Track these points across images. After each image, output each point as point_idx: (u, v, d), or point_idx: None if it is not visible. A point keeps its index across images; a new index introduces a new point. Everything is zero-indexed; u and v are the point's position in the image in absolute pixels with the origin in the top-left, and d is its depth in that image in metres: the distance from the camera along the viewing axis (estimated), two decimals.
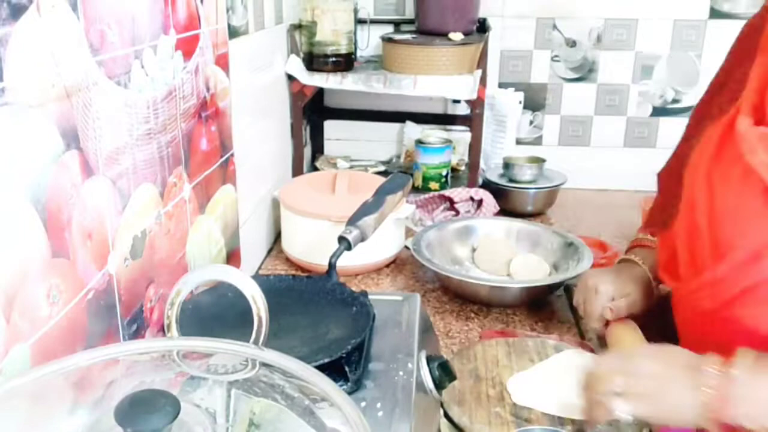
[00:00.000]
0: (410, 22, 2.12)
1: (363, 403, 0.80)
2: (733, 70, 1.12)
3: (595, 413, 0.95)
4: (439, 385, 0.92)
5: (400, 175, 1.45)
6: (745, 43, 1.12)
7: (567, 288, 1.53)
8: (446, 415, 1.07)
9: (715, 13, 2.15)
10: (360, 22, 2.08)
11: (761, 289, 0.88)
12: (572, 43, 2.23)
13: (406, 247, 1.61)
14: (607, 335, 1.23)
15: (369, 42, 2.12)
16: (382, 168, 2.21)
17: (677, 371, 0.91)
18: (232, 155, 1.38)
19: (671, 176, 1.25)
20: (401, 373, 0.86)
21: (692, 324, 1.03)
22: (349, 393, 0.75)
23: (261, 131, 1.67)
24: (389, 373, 0.86)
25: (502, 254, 1.63)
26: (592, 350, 1.27)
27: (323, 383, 0.62)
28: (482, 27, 2.08)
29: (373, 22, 2.14)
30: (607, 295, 1.22)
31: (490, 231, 1.70)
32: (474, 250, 1.67)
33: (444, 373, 0.92)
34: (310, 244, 1.60)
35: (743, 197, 0.89)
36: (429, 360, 0.92)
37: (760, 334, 0.90)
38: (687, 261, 1.00)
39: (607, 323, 1.23)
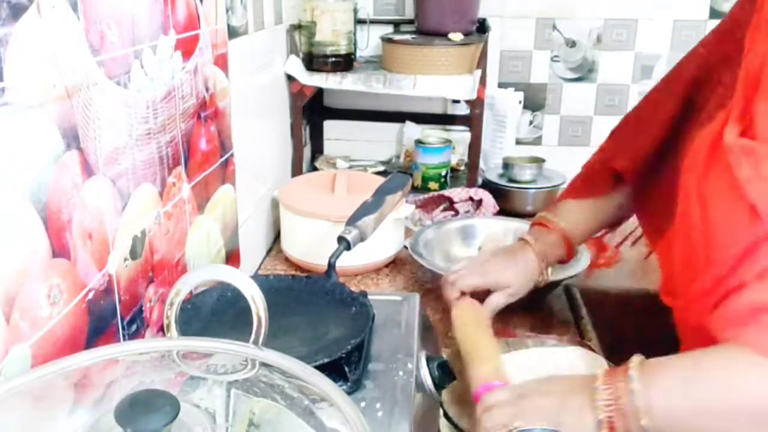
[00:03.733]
0: (410, 22, 2.13)
1: (362, 403, 0.80)
2: (717, 66, 1.10)
3: None
4: (439, 386, 0.92)
5: (399, 175, 1.45)
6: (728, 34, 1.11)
7: (566, 288, 1.53)
8: (446, 415, 1.07)
9: (715, 13, 2.15)
10: (359, 22, 2.08)
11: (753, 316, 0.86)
12: (572, 44, 2.23)
13: (406, 247, 1.61)
14: (453, 312, 1.25)
15: (369, 42, 2.12)
16: (381, 168, 2.21)
17: (570, 398, 0.91)
18: (231, 155, 1.38)
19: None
20: (401, 373, 0.86)
21: (691, 341, 1.01)
22: (349, 393, 0.75)
23: (260, 131, 1.67)
24: (389, 374, 0.86)
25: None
26: (592, 350, 1.27)
27: (323, 383, 0.62)
28: (482, 27, 2.08)
29: (373, 22, 2.14)
30: (480, 263, 1.30)
31: (493, 231, 1.70)
32: (480, 249, 1.67)
33: (444, 374, 0.92)
34: (310, 244, 1.60)
35: (732, 210, 0.87)
36: (429, 360, 0.92)
37: None
38: (683, 277, 0.99)
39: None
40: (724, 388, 0.84)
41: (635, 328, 1.12)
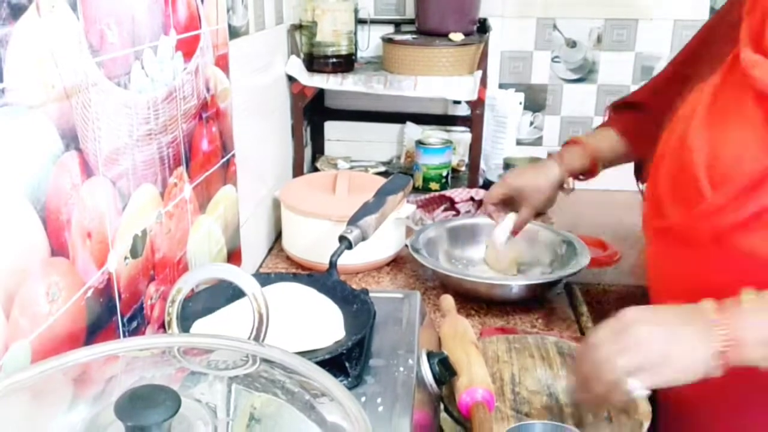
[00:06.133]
0: (411, 22, 2.13)
1: (363, 398, 0.81)
2: (711, 43, 1.15)
3: (609, 399, 0.92)
4: (440, 381, 0.92)
5: (400, 176, 1.46)
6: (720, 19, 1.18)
7: (567, 285, 1.54)
8: (446, 410, 1.07)
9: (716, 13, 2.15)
10: (360, 22, 2.08)
11: (764, 216, 0.88)
12: (572, 44, 2.24)
13: (407, 246, 1.62)
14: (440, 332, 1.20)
15: (369, 43, 2.12)
16: (382, 169, 2.22)
17: (680, 329, 0.88)
18: (233, 156, 1.38)
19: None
20: (402, 368, 0.87)
21: (683, 264, 1.00)
22: (350, 388, 0.75)
23: (261, 132, 1.67)
24: (390, 369, 0.86)
25: (507, 253, 1.63)
26: None
27: (323, 378, 0.63)
28: (482, 27, 2.09)
29: (374, 22, 2.15)
30: (512, 175, 1.45)
31: (496, 231, 1.70)
32: (486, 247, 1.68)
33: (444, 369, 0.92)
34: (311, 244, 1.60)
35: (745, 126, 0.90)
36: (429, 356, 0.93)
37: (762, 261, 0.89)
38: (675, 195, 1.00)
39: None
40: None
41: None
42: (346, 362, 0.83)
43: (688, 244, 0.98)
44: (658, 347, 0.87)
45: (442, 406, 1.05)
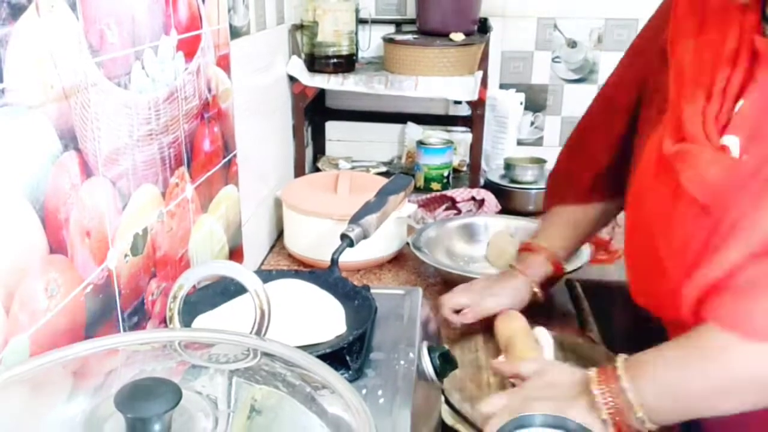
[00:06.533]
0: (412, 22, 2.13)
1: (364, 391, 0.81)
2: (639, 67, 1.16)
3: None
4: (441, 374, 0.93)
5: (402, 176, 1.46)
6: (646, 43, 1.17)
7: (568, 281, 1.55)
8: (447, 402, 1.08)
9: None
10: (361, 22, 2.09)
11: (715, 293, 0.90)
12: (573, 44, 2.24)
13: (408, 244, 1.62)
14: (495, 328, 1.26)
15: (370, 43, 2.13)
16: (383, 169, 2.22)
17: (571, 403, 0.94)
18: (234, 156, 1.39)
19: (570, 161, 1.36)
20: (402, 362, 0.87)
21: (674, 332, 1.04)
22: (350, 381, 0.75)
23: (263, 132, 1.68)
24: (390, 363, 0.87)
25: (509, 251, 1.64)
26: (593, 340, 1.29)
27: (324, 371, 0.63)
28: (483, 27, 2.09)
29: (375, 22, 2.15)
30: (474, 290, 1.33)
31: (498, 228, 1.71)
32: (488, 244, 1.69)
33: (445, 362, 0.93)
34: (313, 242, 1.61)
35: (682, 210, 0.92)
36: (430, 350, 0.93)
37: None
38: (647, 276, 1.03)
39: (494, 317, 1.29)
40: (701, 371, 0.89)
41: (634, 320, 1.13)
42: (347, 356, 0.84)
43: (666, 319, 1.02)
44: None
45: (443, 399, 1.06)
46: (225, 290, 0.97)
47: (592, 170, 1.29)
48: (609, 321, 1.44)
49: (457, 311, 1.32)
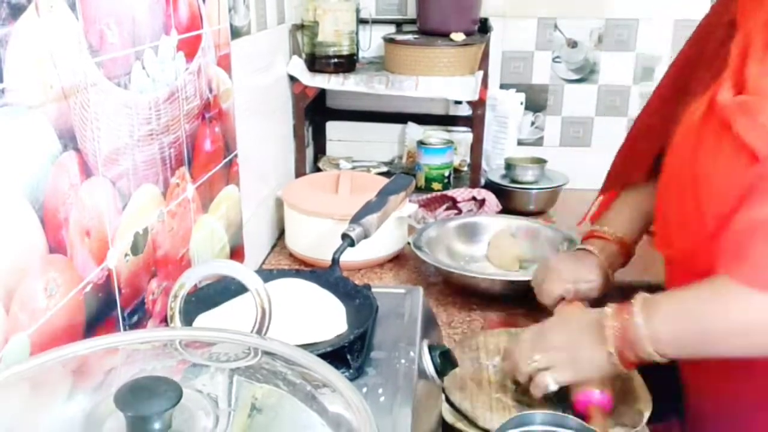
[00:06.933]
0: (412, 22, 2.13)
1: (364, 389, 0.81)
2: (707, 45, 1.16)
3: (530, 390, 1.07)
4: (441, 373, 0.93)
5: (403, 176, 1.47)
6: (714, 19, 1.18)
7: None
8: (448, 400, 1.08)
9: None
10: (362, 22, 2.09)
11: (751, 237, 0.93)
12: (573, 44, 2.24)
13: (409, 244, 1.63)
14: (557, 314, 1.26)
15: (371, 43, 2.13)
16: (384, 169, 2.22)
17: (581, 335, 1.04)
18: (235, 156, 1.39)
19: (637, 141, 1.37)
20: (403, 360, 0.87)
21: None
22: (351, 380, 0.75)
23: (263, 132, 1.68)
24: (391, 361, 0.87)
25: (510, 250, 1.65)
26: None
27: (324, 370, 0.63)
28: (484, 27, 2.09)
29: (375, 22, 2.15)
30: (569, 277, 1.30)
31: (499, 228, 1.71)
32: (489, 244, 1.70)
33: (446, 361, 0.93)
34: (314, 242, 1.61)
35: (730, 160, 0.95)
36: (431, 349, 0.93)
37: None
38: (679, 226, 1.06)
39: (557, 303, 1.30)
40: (712, 316, 0.95)
41: None
42: (347, 355, 0.84)
43: (694, 271, 1.02)
44: (564, 352, 1.05)
45: (443, 397, 1.06)
46: (226, 289, 0.97)
47: (657, 149, 1.26)
48: None
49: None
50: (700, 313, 0.96)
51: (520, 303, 1.46)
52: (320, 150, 2.34)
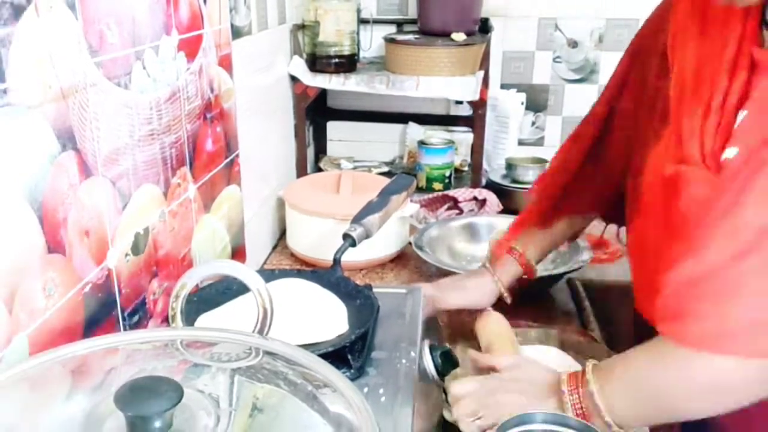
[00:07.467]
0: (413, 22, 2.13)
1: (365, 389, 0.82)
2: (645, 72, 1.15)
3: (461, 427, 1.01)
4: (442, 373, 0.93)
5: (404, 176, 1.47)
6: (646, 43, 1.18)
7: (569, 281, 1.56)
8: (448, 400, 1.08)
9: None
10: (363, 22, 2.09)
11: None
12: (574, 44, 2.24)
13: (410, 244, 1.63)
14: (476, 327, 1.26)
15: (372, 43, 2.13)
16: (385, 169, 2.22)
17: (541, 400, 0.97)
18: (237, 156, 1.39)
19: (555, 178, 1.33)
20: (404, 361, 0.87)
21: None
22: (352, 380, 0.75)
23: (264, 132, 1.68)
24: (392, 361, 0.87)
25: None
26: (594, 339, 1.29)
27: (325, 370, 0.63)
28: (484, 27, 2.09)
29: (376, 22, 2.15)
30: (443, 286, 1.31)
31: (500, 228, 1.71)
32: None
33: (446, 361, 0.93)
34: (315, 242, 1.61)
35: (676, 230, 0.93)
36: (432, 349, 0.93)
37: None
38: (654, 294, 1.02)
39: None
40: (663, 378, 0.90)
41: (635, 319, 1.13)
42: (348, 355, 0.84)
43: None
44: (510, 409, 0.94)
45: (443, 396, 1.06)
46: (227, 289, 0.98)
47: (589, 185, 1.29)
48: (610, 320, 1.44)
49: None
50: (652, 379, 0.91)
51: (521, 303, 1.46)
52: (321, 150, 2.34)
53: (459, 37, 1.90)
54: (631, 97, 1.19)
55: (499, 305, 1.47)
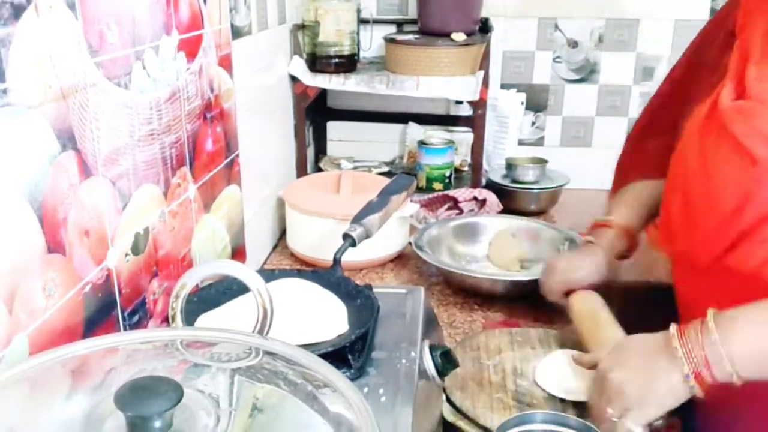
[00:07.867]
0: (413, 22, 2.13)
1: (366, 389, 0.81)
2: (708, 51, 1.19)
3: None
4: (442, 373, 0.93)
5: (404, 176, 1.47)
6: (715, 26, 1.21)
7: None
8: (448, 400, 1.08)
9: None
10: (363, 22, 2.09)
11: (747, 239, 0.94)
12: (574, 44, 2.24)
13: (410, 244, 1.63)
14: (568, 306, 1.28)
15: (372, 43, 2.13)
16: (385, 169, 2.22)
17: (648, 366, 0.96)
18: (237, 156, 1.39)
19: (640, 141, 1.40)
20: (404, 361, 0.87)
21: (692, 285, 1.08)
22: (352, 380, 0.75)
23: (264, 132, 1.68)
24: (392, 361, 0.87)
25: (510, 250, 1.65)
26: None
27: (325, 370, 0.63)
28: (484, 27, 2.09)
29: (376, 22, 2.15)
30: (560, 269, 1.32)
31: (500, 228, 1.71)
32: (490, 244, 1.70)
33: (447, 361, 0.93)
34: (315, 242, 1.61)
35: (730, 162, 0.96)
36: (432, 349, 0.93)
37: (757, 281, 0.94)
38: (682, 224, 1.06)
39: (567, 295, 1.30)
40: None
41: (636, 319, 1.13)
42: (348, 355, 0.84)
43: (695, 270, 1.03)
44: (634, 389, 0.95)
45: (444, 397, 1.06)
46: (227, 289, 0.98)
47: (661, 147, 1.27)
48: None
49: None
50: None
51: (521, 303, 1.47)
52: (321, 150, 2.34)
53: (459, 37, 1.90)
54: (694, 77, 1.22)
55: (499, 303, 1.48)
